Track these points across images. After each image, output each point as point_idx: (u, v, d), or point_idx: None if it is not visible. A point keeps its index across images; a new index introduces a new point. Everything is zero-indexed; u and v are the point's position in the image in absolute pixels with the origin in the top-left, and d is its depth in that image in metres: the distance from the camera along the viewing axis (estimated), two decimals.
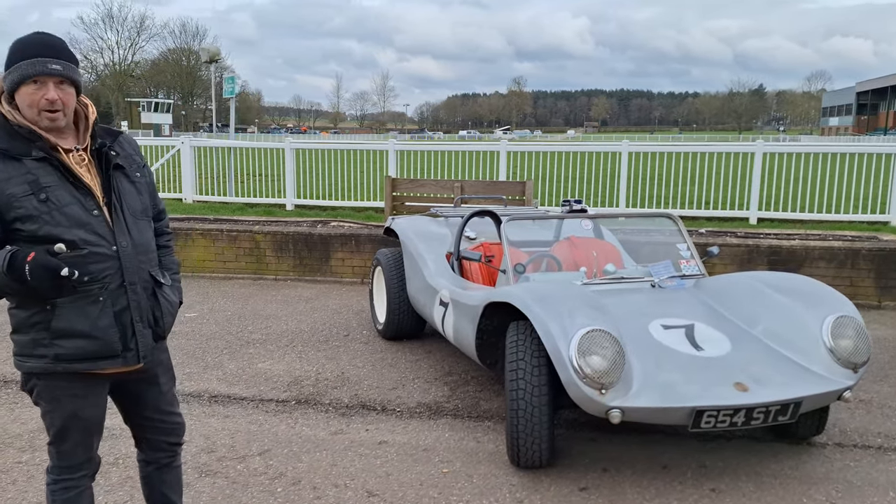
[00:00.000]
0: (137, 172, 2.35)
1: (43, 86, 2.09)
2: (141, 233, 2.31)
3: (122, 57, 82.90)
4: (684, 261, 4.44)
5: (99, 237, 2.17)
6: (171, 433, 2.60)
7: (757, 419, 3.22)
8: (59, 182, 2.13)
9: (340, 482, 3.42)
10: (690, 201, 12.06)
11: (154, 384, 2.47)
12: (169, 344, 5.52)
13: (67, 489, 2.38)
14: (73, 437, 2.33)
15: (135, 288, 2.26)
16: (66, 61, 2.14)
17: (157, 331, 2.37)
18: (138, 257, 2.27)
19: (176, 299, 2.47)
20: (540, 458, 3.42)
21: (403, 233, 5.48)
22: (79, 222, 2.14)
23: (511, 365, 3.42)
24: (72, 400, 2.28)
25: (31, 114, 2.11)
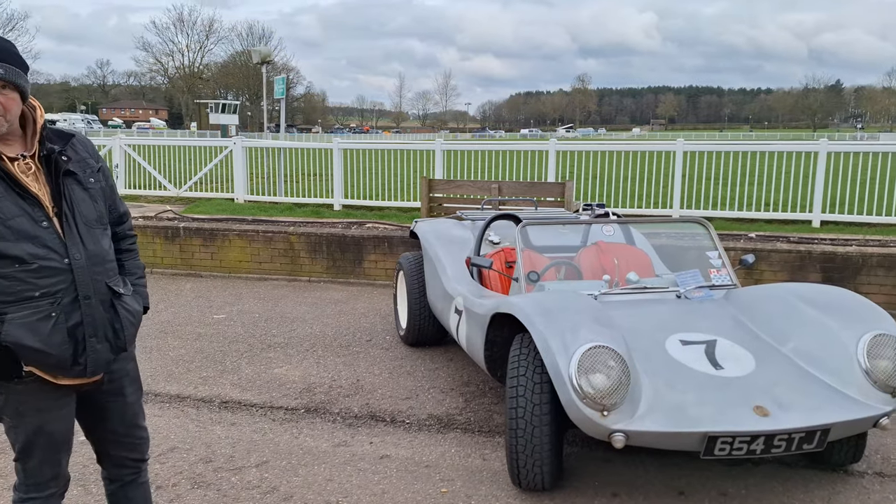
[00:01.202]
0: (91, 178, 2.23)
1: None
2: (96, 243, 2.19)
3: (192, 60, 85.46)
4: (714, 270, 4.14)
5: (49, 250, 2.06)
6: (134, 449, 2.49)
7: (778, 447, 2.93)
8: (4, 193, 2.02)
9: (333, 499, 3.28)
10: (749, 203, 11.52)
11: (119, 395, 2.37)
12: (192, 346, 5.56)
13: None
14: (38, 453, 2.24)
15: (89, 302, 2.15)
16: (8, 65, 2.01)
17: (118, 343, 2.26)
18: (93, 269, 2.16)
19: (138, 307, 2.36)
20: (542, 480, 3.20)
21: (424, 236, 5.32)
22: (26, 235, 2.03)
23: (512, 381, 3.22)
24: (36, 415, 2.19)
25: None
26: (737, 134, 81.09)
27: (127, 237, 2.44)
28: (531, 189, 8.15)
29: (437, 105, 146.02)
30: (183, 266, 8.11)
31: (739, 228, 10.07)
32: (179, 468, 3.57)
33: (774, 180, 11.85)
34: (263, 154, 14.51)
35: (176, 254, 8.08)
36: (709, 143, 13.60)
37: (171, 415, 4.24)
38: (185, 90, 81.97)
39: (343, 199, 12.81)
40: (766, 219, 11.19)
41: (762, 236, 7.26)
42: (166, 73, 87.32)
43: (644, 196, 12.31)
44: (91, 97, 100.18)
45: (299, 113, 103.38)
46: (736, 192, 11.63)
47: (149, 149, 15.31)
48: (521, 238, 4.19)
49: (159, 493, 3.31)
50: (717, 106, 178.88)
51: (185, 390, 4.61)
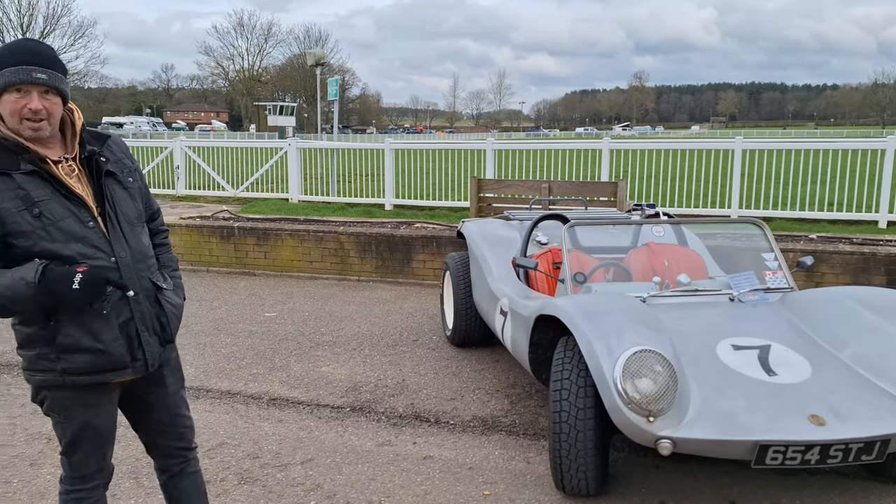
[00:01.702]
0: (130, 177, 2.28)
1: (27, 95, 2.02)
2: (138, 240, 2.25)
3: (251, 63, 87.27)
4: (770, 272, 4.00)
5: (96, 249, 2.11)
6: (179, 437, 2.53)
7: (835, 457, 2.81)
8: (52, 195, 2.07)
9: (375, 498, 3.28)
10: (812, 202, 11.12)
11: (161, 385, 2.41)
12: (244, 343, 5.66)
13: (79, 500, 2.35)
14: (84, 447, 2.30)
15: (137, 298, 2.20)
16: (52, 70, 2.06)
17: (164, 336, 2.32)
18: (137, 266, 2.21)
19: (179, 301, 2.40)
20: (586, 485, 3.14)
21: (471, 237, 5.29)
22: (75, 236, 2.08)
23: (556, 384, 3.16)
24: (83, 410, 2.24)
25: (12, 122, 2.04)
26: (801, 131, 78.65)
27: (160, 232, 2.49)
28: (582, 189, 8.04)
29: (490, 104, 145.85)
30: (237, 265, 8.27)
31: (800, 229, 9.74)
32: (227, 463, 3.63)
33: (839, 179, 11.42)
34: (317, 155, 14.72)
35: (231, 253, 8.25)
36: (769, 142, 13.17)
37: (221, 410, 4.32)
38: (244, 93, 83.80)
39: (394, 199, 12.88)
40: (829, 219, 10.78)
41: (823, 237, 7.00)
42: (227, 77, 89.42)
43: (701, 196, 12.02)
44: (156, 100, 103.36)
45: (354, 114, 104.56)
46: (797, 191, 11.25)
47: (208, 150, 15.69)
48: (568, 238, 4.13)
49: (208, 487, 3.36)
50: (780, 103, 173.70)
51: (236, 387, 4.69)
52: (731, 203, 11.32)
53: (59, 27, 52.27)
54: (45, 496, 3.27)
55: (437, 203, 12.52)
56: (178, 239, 8.35)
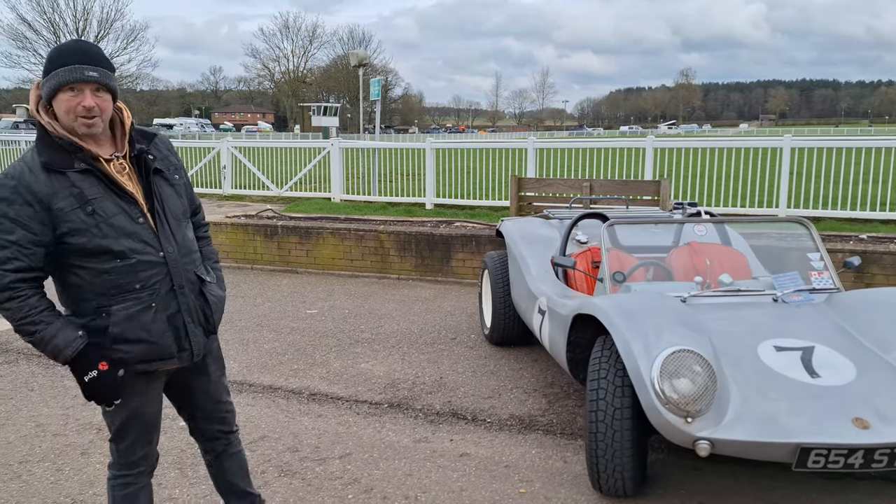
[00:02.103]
0: (176, 174, 2.37)
1: (80, 93, 2.09)
2: (184, 236, 2.34)
3: (296, 65, 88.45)
4: (816, 272, 3.91)
5: (146, 245, 2.20)
6: (222, 421, 2.64)
7: (880, 462, 2.73)
8: (104, 193, 2.14)
9: (412, 494, 3.31)
10: (863, 202, 10.83)
11: (204, 374, 2.52)
12: (286, 339, 5.76)
13: (126, 485, 2.45)
14: (131, 434, 2.39)
15: (183, 290, 2.29)
16: (102, 68, 2.13)
17: (209, 328, 2.43)
18: (183, 260, 2.30)
19: (222, 293, 2.50)
20: (623, 486, 3.12)
21: (509, 235, 5.29)
22: (126, 232, 2.16)
23: (592, 384, 3.15)
24: (131, 399, 2.32)
25: (67, 120, 2.11)
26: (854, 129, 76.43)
27: (202, 226, 2.59)
28: (624, 187, 7.96)
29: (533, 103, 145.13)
30: (280, 262, 8.41)
31: (851, 229, 9.48)
32: (268, 456, 3.70)
33: (892, 178, 11.08)
34: (358, 155, 14.86)
35: (274, 251, 8.39)
36: (819, 139, 12.87)
37: (262, 405, 4.40)
38: (289, 94, 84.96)
39: (435, 199, 12.93)
40: (881, 219, 10.47)
41: (874, 237, 6.80)
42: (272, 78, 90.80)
43: (748, 195, 11.78)
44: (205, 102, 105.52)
45: (397, 114, 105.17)
46: (849, 190, 10.95)
47: (253, 151, 15.98)
48: (607, 237, 4.10)
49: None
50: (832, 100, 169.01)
51: (277, 381, 4.78)
52: (778, 202, 11.09)
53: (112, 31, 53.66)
54: (95, 484, 3.38)
55: (478, 202, 12.53)
56: (224, 237, 8.52)
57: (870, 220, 10.53)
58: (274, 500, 3.26)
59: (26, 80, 54.02)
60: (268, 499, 3.27)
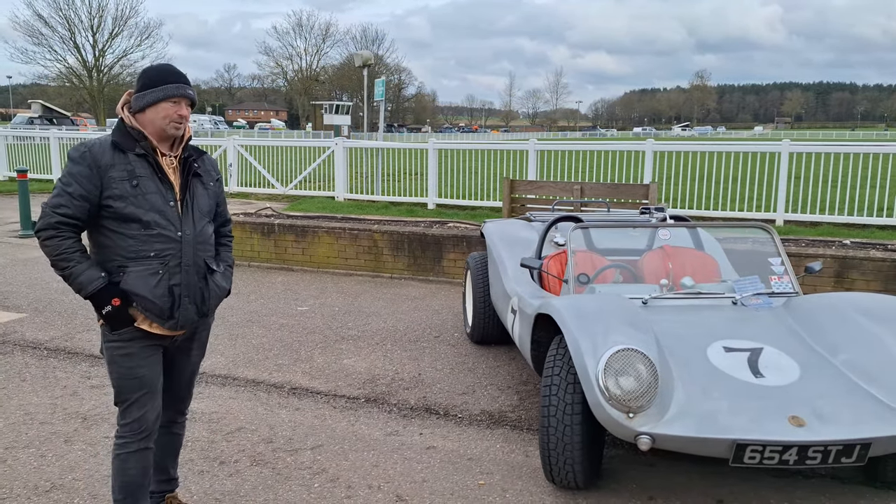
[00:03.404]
0: (211, 182, 2.87)
1: (178, 104, 2.67)
2: (203, 227, 2.79)
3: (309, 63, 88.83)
4: (776, 277, 4.03)
5: (169, 222, 2.66)
6: (181, 402, 3.02)
7: (814, 459, 2.86)
8: (150, 175, 2.64)
9: (375, 484, 3.46)
10: (861, 207, 10.88)
11: (186, 355, 2.93)
12: (274, 335, 5.92)
13: (120, 446, 2.74)
14: (128, 394, 2.70)
15: (189, 269, 2.71)
16: (191, 89, 2.73)
17: (203, 308, 2.80)
18: (196, 245, 2.74)
19: (226, 285, 2.92)
20: (574, 478, 3.26)
21: (490, 237, 5.43)
22: (156, 208, 2.63)
23: (546, 380, 3.29)
24: (128, 359, 2.68)
25: (162, 123, 2.64)
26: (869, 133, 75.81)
27: (226, 236, 3.06)
28: (615, 190, 8.09)
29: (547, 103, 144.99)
30: (277, 260, 8.58)
31: (848, 234, 9.54)
32: (243, 447, 3.86)
33: (890, 183, 11.10)
34: (362, 154, 15.03)
35: (271, 249, 8.57)
36: (817, 144, 12.89)
37: (244, 398, 4.57)
38: (302, 92, 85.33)
39: (437, 199, 13.09)
40: (879, 224, 10.53)
41: (857, 243, 6.88)
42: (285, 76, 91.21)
43: (746, 199, 11.84)
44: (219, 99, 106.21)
45: (410, 113, 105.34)
46: (846, 195, 10.99)
47: (259, 149, 16.18)
48: (573, 240, 4.23)
49: (221, 468, 3.62)
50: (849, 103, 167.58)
51: (261, 376, 4.94)
52: (776, 207, 11.16)
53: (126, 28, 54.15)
54: (75, 469, 3.55)
55: (480, 203, 12.67)
56: None
57: (867, 225, 10.58)
58: (243, 488, 3.42)
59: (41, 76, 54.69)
60: (238, 485, 3.44)
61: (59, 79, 55.56)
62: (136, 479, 2.75)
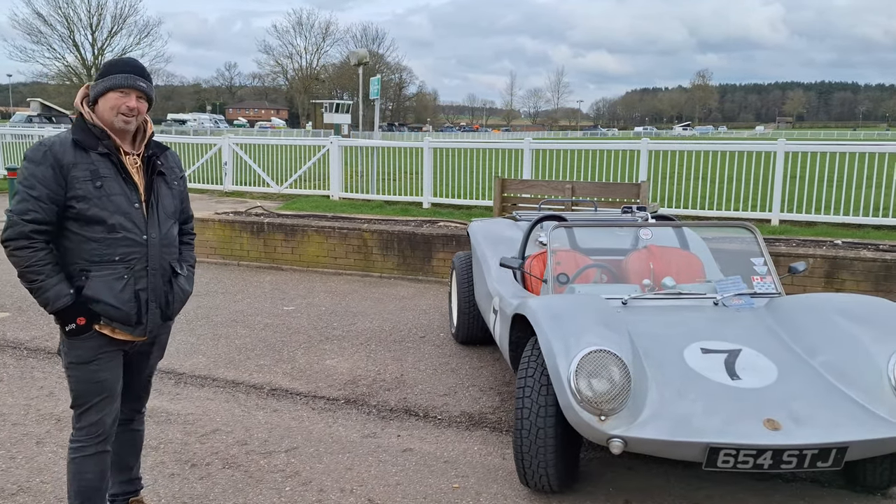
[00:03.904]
0: (175, 181, 2.79)
1: (127, 96, 2.54)
2: (169, 229, 2.72)
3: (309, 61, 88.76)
4: (758, 277, 3.97)
5: (134, 225, 2.58)
6: (138, 400, 2.95)
7: (789, 463, 2.80)
8: (114, 175, 2.55)
9: (348, 487, 3.41)
10: (856, 207, 10.80)
11: (146, 356, 2.84)
12: (258, 335, 5.87)
13: (77, 450, 2.67)
14: (88, 398, 2.62)
15: (155, 273, 2.65)
16: (148, 83, 2.61)
17: (167, 312, 2.75)
18: (162, 249, 2.67)
19: (189, 288, 2.85)
20: (548, 481, 3.20)
21: (474, 236, 5.37)
22: (121, 210, 2.54)
23: (520, 381, 3.23)
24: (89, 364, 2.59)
25: (109, 115, 2.54)
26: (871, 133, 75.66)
27: (189, 233, 2.95)
28: (605, 190, 8.03)
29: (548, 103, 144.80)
30: (266, 259, 8.53)
31: (844, 234, 9.46)
32: (216, 449, 3.81)
33: (886, 183, 11.05)
34: (358, 152, 14.98)
35: (260, 248, 8.51)
36: (813, 144, 12.83)
37: (222, 399, 4.51)
38: (302, 91, 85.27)
39: (432, 198, 13.04)
40: (874, 224, 10.46)
41: (849, 243, 6.82)
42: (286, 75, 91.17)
43: (742, 199, 11.77)
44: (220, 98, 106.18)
45: (411, 112, 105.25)
46: (842, 195, 10.91)
47: (254, 148, 16.13)
48: (553, 239, 4.18)
49: (192, 471, 3.56)
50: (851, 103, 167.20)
51: (241, 377, 4.89)
52: (772, 206, 11.09)
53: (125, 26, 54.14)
54: (43, 472, 3.50)
55: (475, 202, 12.61)
56: (212, 233, 8.66)
57: (863, 224, 10.52)
58: (213, 492, 3.36)
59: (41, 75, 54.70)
60: (208, 488, 3.39)
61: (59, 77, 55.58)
62: (92, 482, 2.69)
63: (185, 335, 5.79)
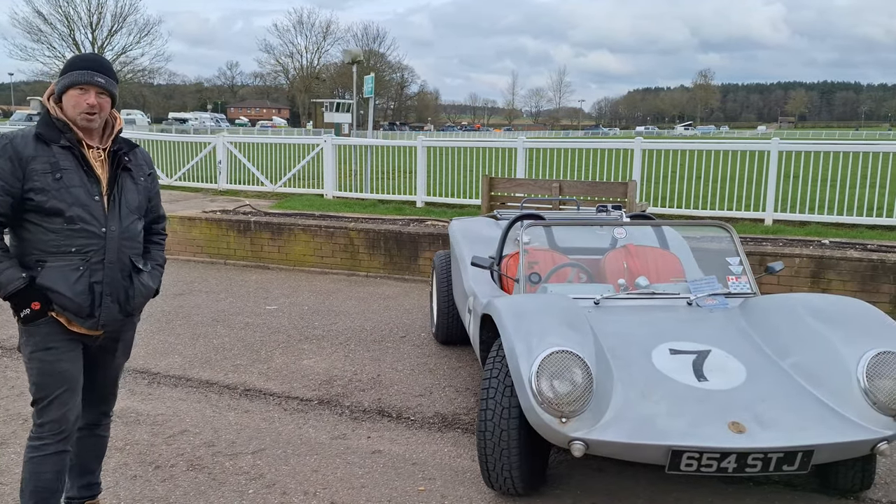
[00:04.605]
0: (142, 177, 2.76)
1: (87, 92, 2.53)
2: (131, 224, 2.68)
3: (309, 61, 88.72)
4: (733, 277, 3.91)
5: (93, 218, 2.55)
6: (105, 403, 2.89)
7: (753, 466, 2.75)
8: (75, 168, 2.53)
9: (311, 490, 3.35)
10: (850, 206, 10.72)
11: (110, 353, 2.79)
12: (237, 335, 5.80)
13: (36, 448, 2.61)
14: (49, 390, 2.57)
15: (112, 267, 2.61)
16: (109, 78, 2.58)
17: (126, 307, 2.69)
18: (122, 242, 2.63)
19: (152, 285, 2.80)
20: (512, 484, 3.15)
21: (453, 235, 5.31)
22: (80, 202, 2.52)
23: (485, 382, 3.18)
24: (47, 353, 2.56)
25: (73, 112, 2.53)
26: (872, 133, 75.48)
27: (159, 234, 2.93)
28: (593, 189, 7.96)
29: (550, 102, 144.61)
30: (253, 258, 8.48)
31: (836, 234, 9.38)
32: (182, 450, 3.76)
33: (880, 183, 10.96)
34: (352, 151, 14.91)
35: (247, 246, 8.47)
36: (807, 143, 12.77)
37: (193, 399, 4.46)
38: (302, 90, 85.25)
39: (426, 197, 12.96)
40: (868, 224, 10.38)
41: (836, 243, 6.75)
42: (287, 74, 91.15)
43: (735, 199, 11.69)
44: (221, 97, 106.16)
45: (412, 111, 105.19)
46: (836, 194, 10.84)
47: (249, 146, 16.07)
48: (525, 238, 4.12)
49: (155, 472, 3.51)
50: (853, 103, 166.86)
51: (215, 377, 4.84)
52: (765, 206, 11.01)
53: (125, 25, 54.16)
54: (4, 474, 3.45)
55: (468, 201, 12.53)
56: (198, 232, 8.62)
57: (857, 224, 10.43)
58: (175, 494, 3.31)
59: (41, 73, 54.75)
60: (169, 490, 3.34)
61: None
62: (50, 484, 2.63)
63: (164, 334, 5.75)
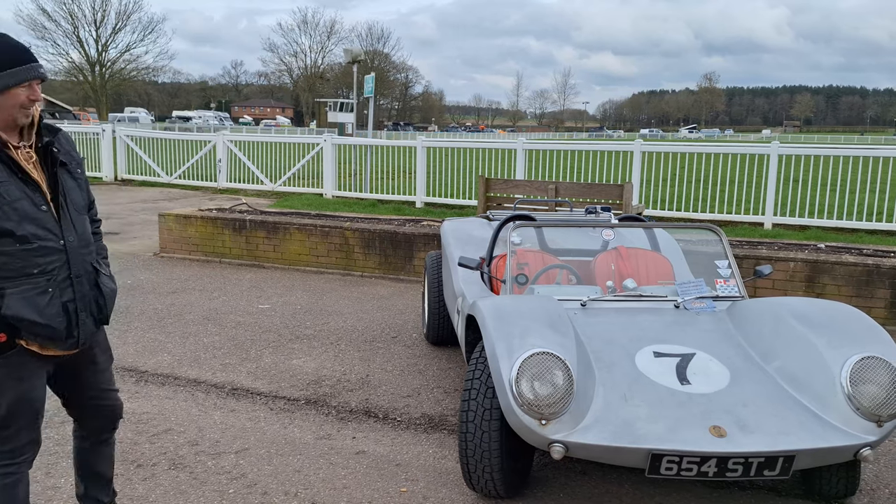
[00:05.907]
0: (78, 168, 2.47)
1: (30, 87, 2.25)
2: (84, 227, 2.44)
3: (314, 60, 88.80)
4: (722, 280, 3.88)
5: (48, 231, 2.28)
6: (111, 414, 2.72)
7: (734, 471, 2.72)
8: (9, 178, 2.22)
9: (293, 490, 3.33)
10: (850, 211, 10.68)
11: (92, 362, 2.59)
12: (228, 334, 5.79)
13: (6, 475, 2.39)
14: (20, 419, 2.36)
15: (80, 279, 2.38)
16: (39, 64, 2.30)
17: (100, 317, 2.50)
18: (81, 250, 2.40)
19: (115, 286, 2.59)
20: (494, 486, 3.12)
21: (444, 236, 5.29)
22: (29, 217, 2.24)
23: (467, 384, 3.15)
24: (18, 384, 2.33)
25: (13, 112, 2.22)
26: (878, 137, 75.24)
27: (95, 221, 2.64)
28: (589, 190, 7.94)
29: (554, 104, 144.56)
30: (248, 257, 8.47)
31: (836, 238, 9.35)
32: (165, 449, 3.74)
33: (880, 188, 10.92)
34: (352, 151, 14.92)
35: (242, 245, 8.45)
36: (807, 147, 12.71)
37: (180, 398, 4.45)
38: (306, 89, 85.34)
39: (425, 197, 12.97)
40: (867, 229, 10.35)
41: (832, 247, 6.71)
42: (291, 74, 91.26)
43: (735, 201, 11.66)
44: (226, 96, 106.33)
45: (417, 111, 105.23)
46: (835, 199, 10.80)
47: (249, 145, 16.07)
48: (513, 239, 4.10)
49: (137, 471, 3.49)
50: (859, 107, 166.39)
51: (203, 376, 4.82)
52: (764, 209, 10.98)
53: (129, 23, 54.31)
54: None
55: (468, 202, 12.52)
56: (194, 230, 8.61)
57: (857, 229, 10.40)
58: (155, 493, 3.30)
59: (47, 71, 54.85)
60: (150, 489, 3.32)
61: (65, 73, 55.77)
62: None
63: (154, 332, 5.74)
